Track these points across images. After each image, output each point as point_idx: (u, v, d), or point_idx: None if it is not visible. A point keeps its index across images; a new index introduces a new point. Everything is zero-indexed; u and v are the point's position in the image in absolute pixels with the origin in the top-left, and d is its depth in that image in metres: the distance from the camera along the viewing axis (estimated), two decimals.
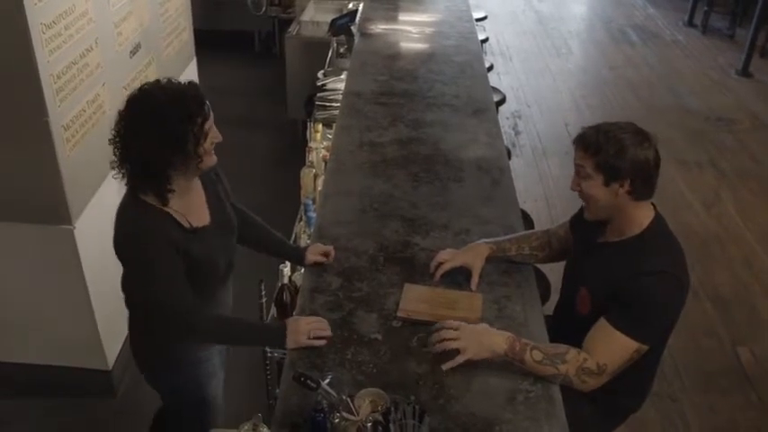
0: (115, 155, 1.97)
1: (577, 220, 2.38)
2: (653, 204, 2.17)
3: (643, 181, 2.06)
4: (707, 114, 6.80)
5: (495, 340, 2.00)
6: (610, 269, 2.12)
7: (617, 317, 2.03)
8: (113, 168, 1.99)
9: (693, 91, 7.36)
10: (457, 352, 1.99)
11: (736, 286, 4.36)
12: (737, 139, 6.31)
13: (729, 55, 8.30)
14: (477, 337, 2.00)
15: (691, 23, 9.39)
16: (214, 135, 2.00)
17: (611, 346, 2.02)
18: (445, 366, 1.99)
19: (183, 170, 2.00)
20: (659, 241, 2.13)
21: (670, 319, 2.14)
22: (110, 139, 1.97)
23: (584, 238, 2.32)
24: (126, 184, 2.02)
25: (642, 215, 2.13)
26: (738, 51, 8.09)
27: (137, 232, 2.01)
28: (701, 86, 7.50)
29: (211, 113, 1.98)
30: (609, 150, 2.03)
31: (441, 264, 2.37)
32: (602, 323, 2.04)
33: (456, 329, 2.01)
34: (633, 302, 2.02)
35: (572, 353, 2.01)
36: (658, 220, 2.15)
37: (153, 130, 1.90)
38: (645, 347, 2.04)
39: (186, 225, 2.06)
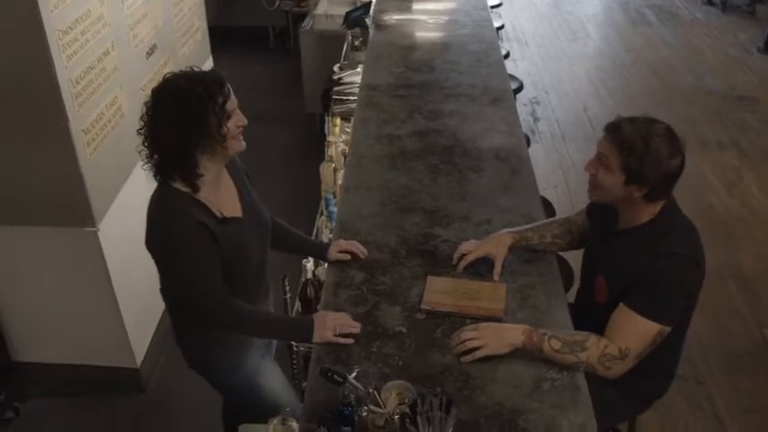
0: (144, 146, 2.00)
1: (594, 208, 2.37)
2: None
3: (662, 188, 2.06)
4: (728, 94, 6.70)
5: (513, 334, 2.01)
6: (624, 256, 2.12)
7: (636, 301, 2.03)
8: (142, 160, 2.02)
9: (714, 70, 7.26)
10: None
11: (760, 267, 4.30)
12: (759, 119, 6.21)
13: (750, 32, 8.16)
14: (496, 332, 2.02)
15: (709, 1, 9.24)
16: (238, 118, 2.01)
17: (632, 331, 2.01)
18: (465, 359, 2.00)
19: (210, 153, 2.00)
20: (671, 224, 2.12)
21: (689, 299, 2.14)
22: (138, 130, 1.99)
23: (599, 225, 2.32)
24: (154, 175, 2.04)
25: (652, 206, 2.12)
26: (759, 28, 7.97)
27: (168, 216, 2.02)
28: (722, 65, 7.39)
29: (233, 96, 2.00)
30: (644, 160, 1.99)
31: (464, 255, 2.38)
32: (622, 308, 2.04)
33: (475, 329, 2.03)
34: (651, 285, 2.02)
35: (592, 339, 2.01)
36: (669, 202, 2.13)
37: (175, 111, 1.93)
38: (667, 329, 2.03)
39: (218, 214, 2.06)
